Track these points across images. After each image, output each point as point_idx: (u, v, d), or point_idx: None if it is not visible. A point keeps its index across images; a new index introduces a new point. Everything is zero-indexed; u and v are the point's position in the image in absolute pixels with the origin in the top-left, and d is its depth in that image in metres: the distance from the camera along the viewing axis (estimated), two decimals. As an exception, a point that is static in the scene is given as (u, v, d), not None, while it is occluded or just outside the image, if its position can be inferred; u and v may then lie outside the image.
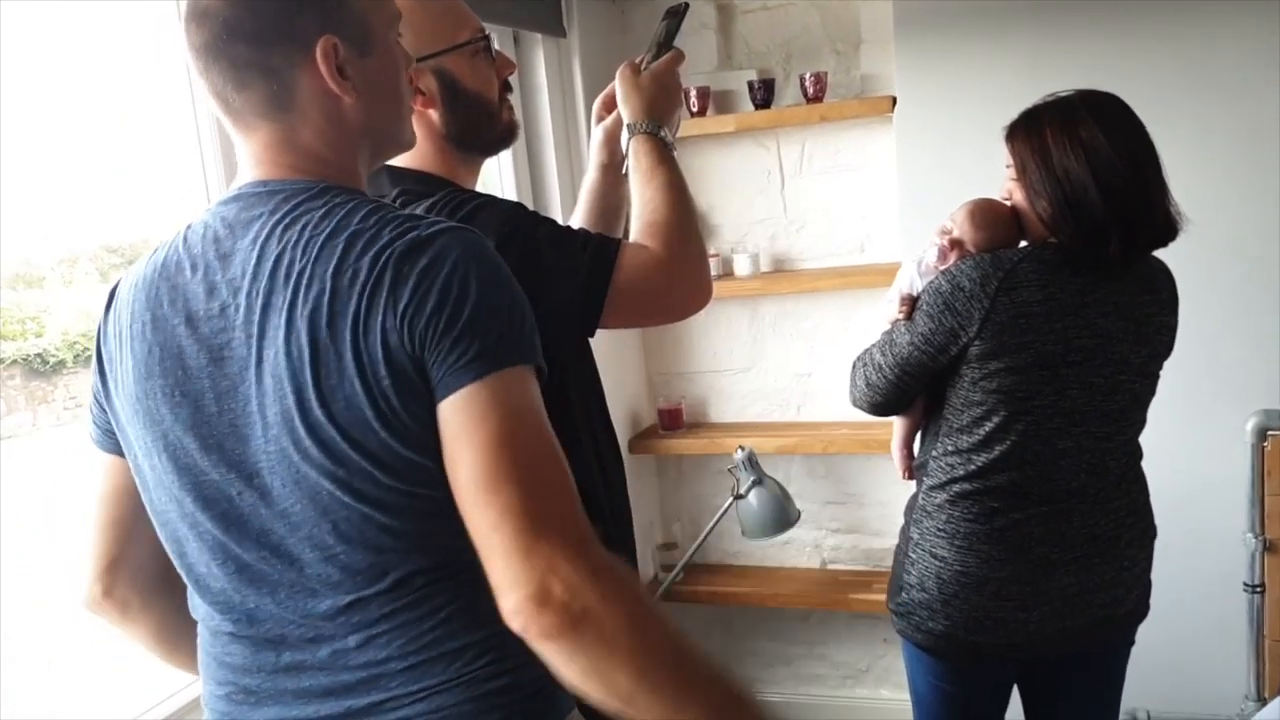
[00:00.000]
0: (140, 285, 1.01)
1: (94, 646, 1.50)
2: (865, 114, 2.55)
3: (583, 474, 1.34)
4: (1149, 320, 1.63)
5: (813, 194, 2.76)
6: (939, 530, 1.69)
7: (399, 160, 1.32)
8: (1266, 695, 2.17)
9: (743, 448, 2.63)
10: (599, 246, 1.22)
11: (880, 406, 1.75)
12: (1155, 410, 1.71)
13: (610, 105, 1.46)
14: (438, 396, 0.90)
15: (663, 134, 1.33)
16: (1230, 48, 2.31)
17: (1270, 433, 2.08)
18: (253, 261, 0.94)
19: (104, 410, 1.06)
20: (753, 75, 2.66)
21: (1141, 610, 1.76)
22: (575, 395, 1.35)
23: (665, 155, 1.32)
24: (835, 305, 2.78)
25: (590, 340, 1.38)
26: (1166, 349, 1.68)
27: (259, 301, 0.93)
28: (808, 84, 2.56)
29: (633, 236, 1.26)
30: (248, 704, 1.02)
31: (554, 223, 1.25)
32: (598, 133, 1.50)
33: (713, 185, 2.85)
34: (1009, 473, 1.64)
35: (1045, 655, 1.74)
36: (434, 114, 1.30)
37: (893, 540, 1.82)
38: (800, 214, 2.79)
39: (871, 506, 2.86)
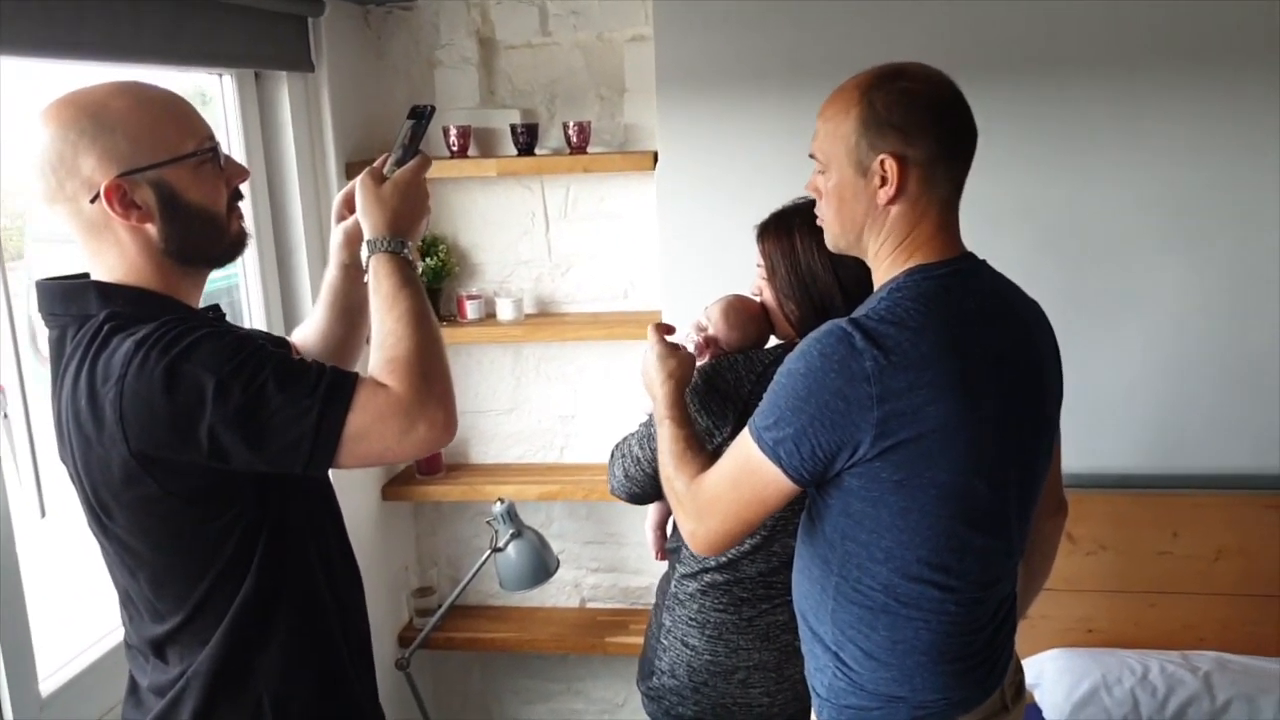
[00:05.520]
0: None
1: None
2: (627, 168, 2.54)
3: (311, 600, 1.29)
4: None
5: (577, 238, 2.74)
6: (690, 619, 1.72)
7: (110, 275, 1.18)
8: None
9: (502, 500, 2.58)
10: (332, 385, 1.13)
11: (638, 497, 1.76)
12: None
13: (351, 205, 1.37)
14: None
15: (405, 252, 1.26)
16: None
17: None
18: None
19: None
20: (516, 116, 2.60)
21: None
22: (304, 522, 1.28)
23: (408, 276, 1.24)
24: (599, 350, 2.77)
25: None
26: None
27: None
28: (571, 133, 2.52)
29: (371, 369, 1.18)
30: None
31: (284, 359, 1.15)
32: (337, 233, 1.43)
33: (476, 224, 2.77)
34: (757, 564, 1.69)
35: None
36: (151, 229, 1.17)
37: (651, 579, 1.84)
38: (565, 258, 2.76)
39: (631, 546, 2.89)
